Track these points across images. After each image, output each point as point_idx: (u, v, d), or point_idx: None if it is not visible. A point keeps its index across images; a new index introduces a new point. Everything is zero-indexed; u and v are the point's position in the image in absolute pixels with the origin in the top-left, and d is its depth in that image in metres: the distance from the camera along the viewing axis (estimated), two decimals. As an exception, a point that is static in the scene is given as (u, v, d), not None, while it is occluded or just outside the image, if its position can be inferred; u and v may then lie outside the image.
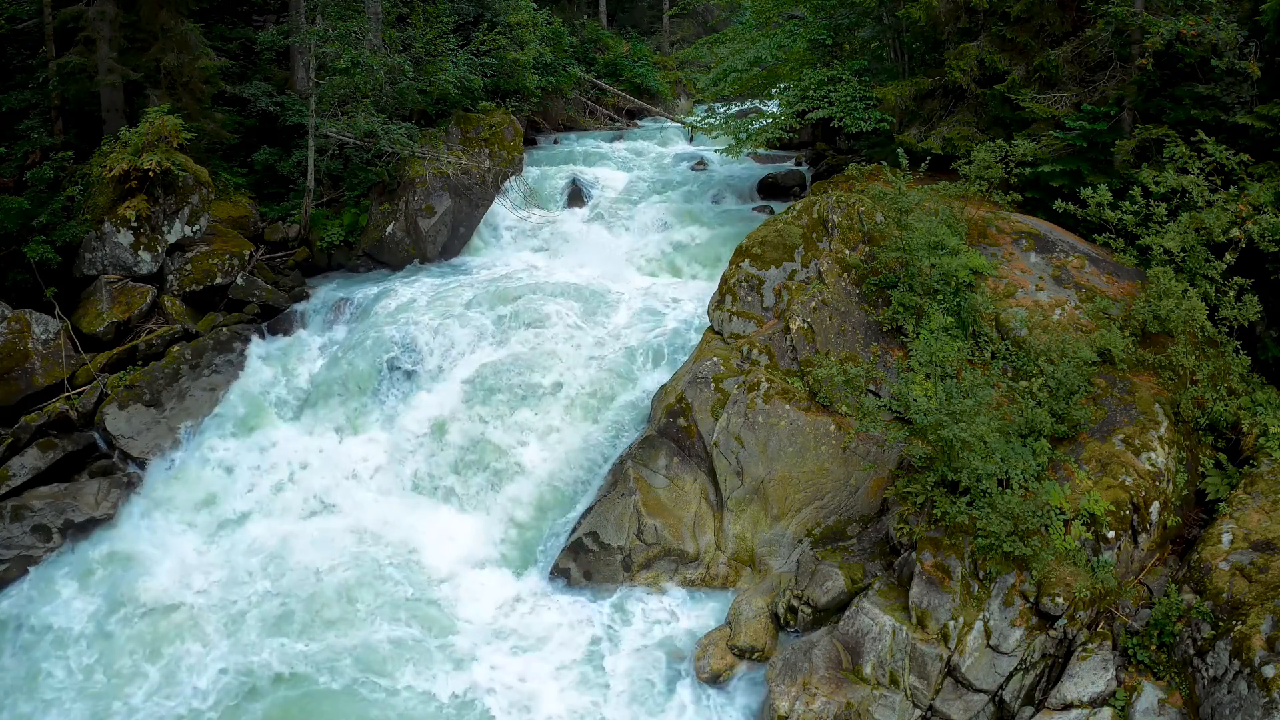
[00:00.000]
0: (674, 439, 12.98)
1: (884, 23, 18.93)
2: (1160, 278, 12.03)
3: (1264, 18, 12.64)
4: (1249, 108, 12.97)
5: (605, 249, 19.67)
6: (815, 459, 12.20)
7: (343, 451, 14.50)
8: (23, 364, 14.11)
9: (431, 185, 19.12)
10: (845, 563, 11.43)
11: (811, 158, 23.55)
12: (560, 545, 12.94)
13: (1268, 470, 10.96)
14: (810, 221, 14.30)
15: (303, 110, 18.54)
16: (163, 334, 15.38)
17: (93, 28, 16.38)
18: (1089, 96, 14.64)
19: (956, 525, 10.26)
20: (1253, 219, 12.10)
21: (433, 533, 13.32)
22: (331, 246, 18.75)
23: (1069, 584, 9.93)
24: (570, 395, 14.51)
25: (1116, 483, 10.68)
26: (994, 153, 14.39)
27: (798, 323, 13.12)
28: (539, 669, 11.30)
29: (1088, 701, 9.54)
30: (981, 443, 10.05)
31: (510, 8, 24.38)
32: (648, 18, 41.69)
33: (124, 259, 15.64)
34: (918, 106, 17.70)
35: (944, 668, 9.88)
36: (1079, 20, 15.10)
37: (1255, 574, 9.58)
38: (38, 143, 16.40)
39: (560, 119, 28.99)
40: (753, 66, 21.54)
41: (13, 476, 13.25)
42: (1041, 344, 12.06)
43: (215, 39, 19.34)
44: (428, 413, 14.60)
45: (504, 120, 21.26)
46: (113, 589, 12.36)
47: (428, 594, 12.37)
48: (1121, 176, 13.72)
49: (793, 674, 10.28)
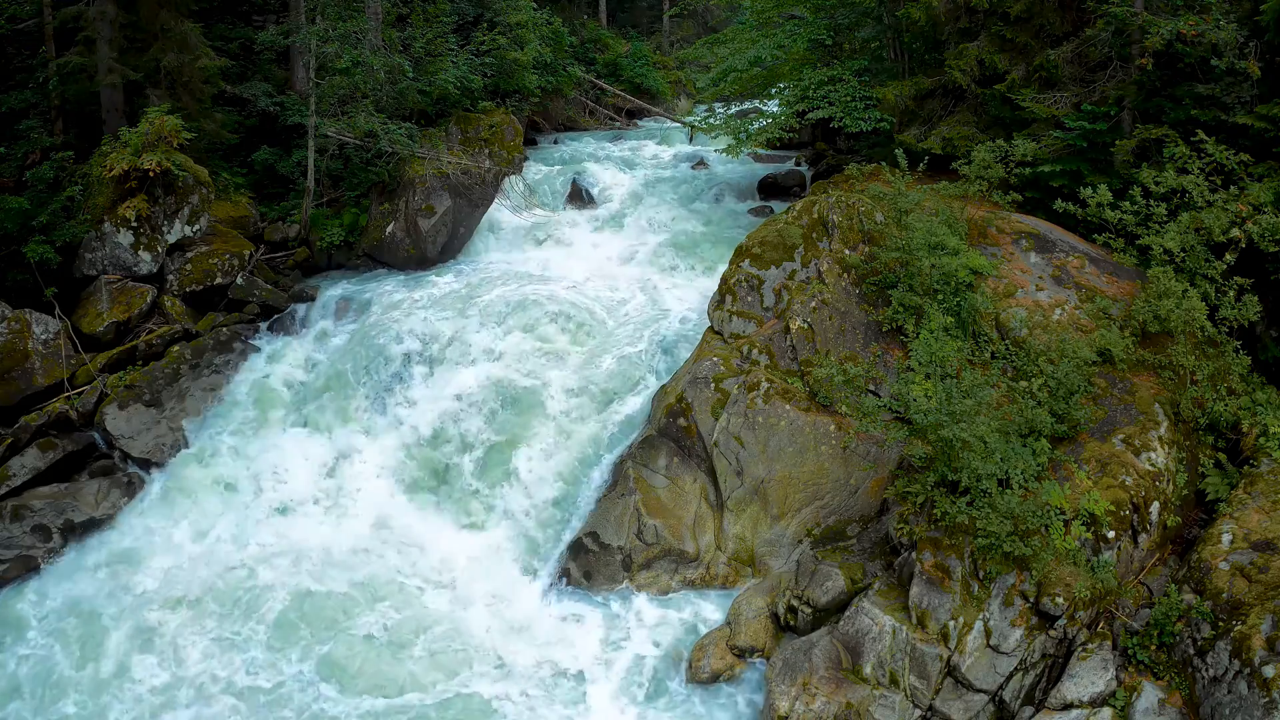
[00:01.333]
0: (674, 439, 12.98)
1: (884, 23, 18.93)
2: (1160, 278, 12.03)
3: (1264, 18, 12.65)
4: (1249, 108, 12.97)
5: (605, 249, 19.68)
6: (815, 459, 12.20)
7: (342, 451, 14.49)
8: (23, 364, 14.11)
9: (431, 185, 19.12)
10: (845, 563, 11.43)
11: (811, 158, 23.55)
12: (560, 546, 12.94)
13: (1268, 470, 10.96)
14: (810, 221, 14.30)
15: (303, 110, 18.54)
16: (163, 334, 15.38)
17: (93, 28, 16.38)
18: (1089, 96, 14.63)
19: (956, 525, 10.26)
20: (1253, 219, 12.10)
21: (432, 533, 13.34)
22: (331, 246, 18.75)
23: (1069, 584, 9.93)
24: (570, 395, 14.50)
25: (1116, 483, 10.68)
26: (994, 153, 14.39)
27: (798, 323, 13.12)
28: (538, 669, 11.30)
29: (1088, 701, 9.54)
30: (981, 443, 10.05)
31: (510, 8, 24.37)
32: (648, 18, 41.68)
33: (124, 259, 15.64)
34: (918, 106, 17.69)
35: (944, 668, 9.88)
36: (1079, 20, 15.09)
37: (1255, 574, 9.58)
38: (38, 143, 16.41)
39: (560, 119, 28.98)
40: (753, 66, 21.55)
41: (13, 476, 13.26)
42: (1041, 344, 12.06)
43: (215, 39, 19.34)
44: (428, 413, 14.59)
45: (504, 120, 21.26)
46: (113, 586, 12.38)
47: (428, 593, 12.36)
48: (1121, 176, 13.72)
49: (793, 674, 10.28)
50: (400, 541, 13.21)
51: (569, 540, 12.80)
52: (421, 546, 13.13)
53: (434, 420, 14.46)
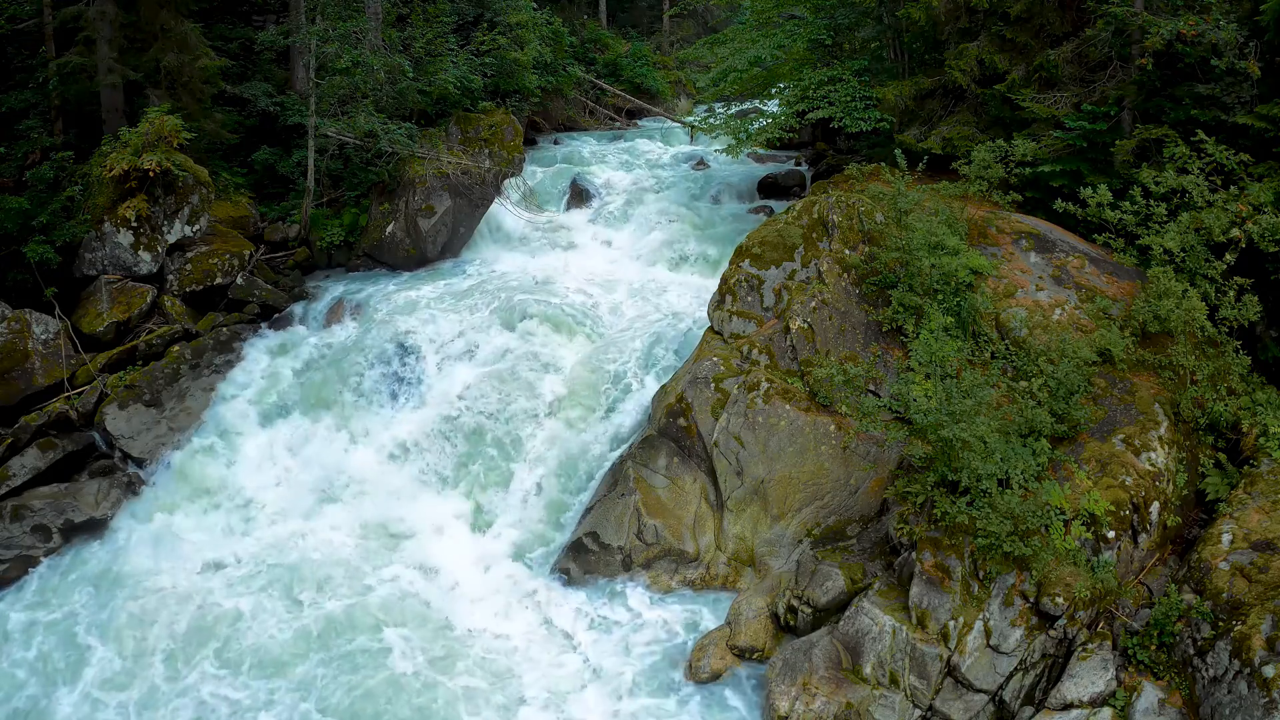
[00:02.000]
0: (674, 439, 12.98)
1: (884, 23, 18.93)
2: (1160, 278, 12.03)
3: (1264, 18, 12.64)
4: (1249, 108, 12.97)
5: (605, 249, 19.69)
6: (815, 459, 12.20)
7: (342, 451, 14.49)
8: (23, 364, 14.11)
9: (431, 185, 19.12)
10: (845, 563, 11.43)
11: (811, 158, 23.56)
12: (560, 545, 12.94)
13: (1268, 470, 10.96)
14: (810, 221, 14.30)
15: (303, 110, 18.54)
16: (163, 334, 15.38)
17: (93, 28, 16.38)
18: (1089, 96, 14.63)
19: (956, 525, 10.26)
20: (1253, 219, 12.10)
21: (433, 532, 13.33)
22: (331, 246, 18.76)
23: (1069, 584, 9.93)
24: (569, 395, 14.51)
25: (1116, 483, 10.68)
26: (994, 153, 14.39)
27: (798, 323, 13.12)
28: (538, 670, 11.29)
29: (1088, 701, 9.54)
30: (981, 443, 10.05)
31: (510, 8, 24.38)
32: (648, 18, 41.66)
33: (124, 259, 15.64)
34: (918, 106, 17.69)
35: (944, 668, 9.88)
36: (1079, 20, 15.09)
37: (1255, 574, 9.58)
38: (38, 143, 16.41)
39: (560, 119, 28.97)
40: (753, 66, 21.55)
41: (13, 476, 13.26)
42: (1041, 344, 12.06)
43: (215, 39, 19.35)
44: (428, 412, 14.61)
45: (504, 120, 21.26)
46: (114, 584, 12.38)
47: (427, 593, 12.36)
48: (1121, 176, 13.72)
49: (793, 674, 10.28)
50: (401, 538, 13.20)
51: (569, 540, 12.80)
52: (420, 545, 13.12)
53: (434, 419, 14.47)
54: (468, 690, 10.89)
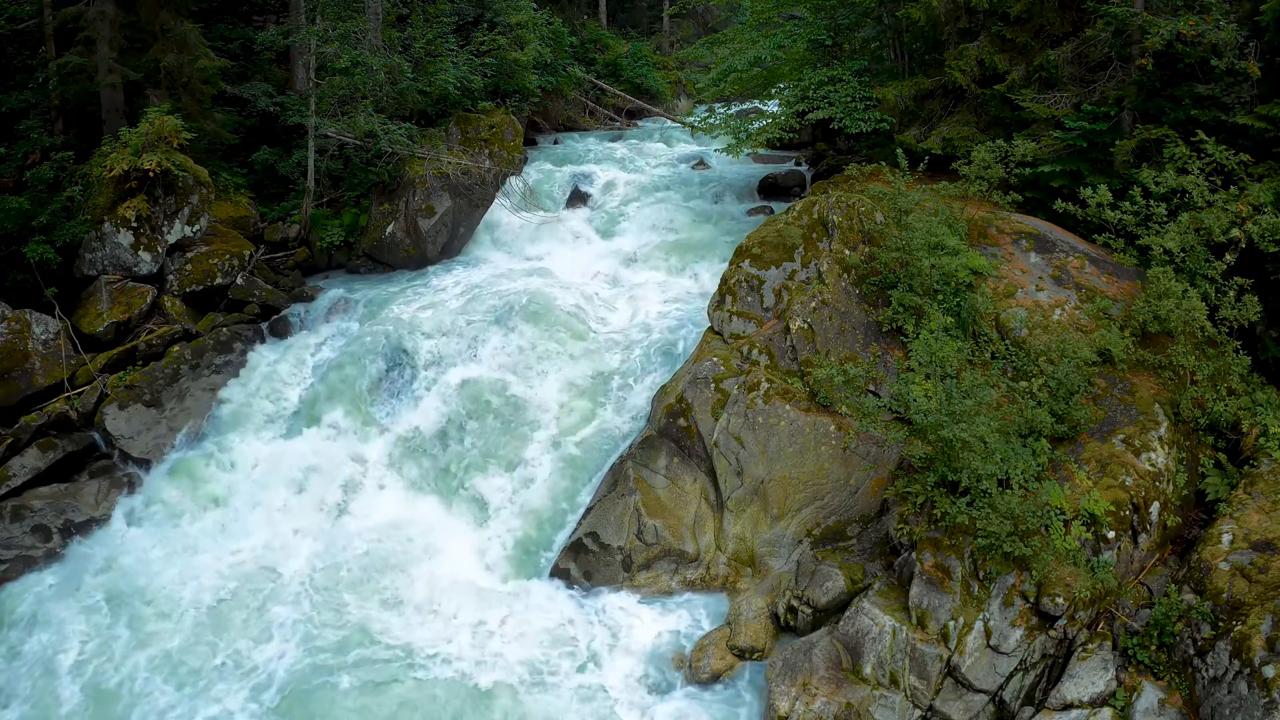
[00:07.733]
0: (674, 439, 12.98)
1: (884, 23, 18.94)
2: (1160, 278, 12.03)
3: (1264, 18, 12.65)
4: (1249, 108, 12.97)
5: (605, 249, 19.67)
6: (815, 459, 12.20)
7: (343, 452, 14.49)
8: (23, 364, 14.11)
9: (431, 185, 19.13)
10: (845, 563, 11.43)
11: (811, 158, 23.56)
12: (560, 546, 12.93)
13: (1268, 470, 10.96)
14: (810, 222, 14.30)
15: (303, 110, 18.54)
16: (163, 334, 15.38)
17: (93, 28, 16.38)
18: (1089, 97, 14.64)
19: (956, 525, 10.26)
20: (1253, 219, 12.10)
21: (433, 533, 13.32)
22: (331, 247, 18.76)
23: (1069, 584, 9.93)
24: (569, 394, 14.51)
25: (1116, 483, 10.69)
26: (994, 153, 14.39)
27: (798, 323, 13.12)
28: (538, 669, 11.29)
29: (1088, 702, 9.54)
30: (981, 443, 10.05)
31: (510, 8, 24.39)
32: (648, 18, 41.68)
33: (124, 259, 15.64)
34: (918, 107, 17.70)
35: (944, 668, 9.88)
36: (1079, 20, 15.10)
37: (1255, 574, 9.58)
38: (38, 143, 16.40)
39: (560, 119, 28.98)
40: (753, 67, 21.55)
41: (13, 476, 13.25)
42: (1041, 344, 12.06)
43: (215, 39, 19.33)
44: (428, 413, 14.59)
45: (504, 120, 21.26)
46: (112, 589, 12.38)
47: (427, 592, 12.36)
48: (1121, 177, 13.72)
49: (793, 674, 10.28)
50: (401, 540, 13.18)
51: (568, 540, 12.80)
52: (420, 546, 13.11)
53: (434, 419, 14.46)
54: (467, 690, 10.88)
